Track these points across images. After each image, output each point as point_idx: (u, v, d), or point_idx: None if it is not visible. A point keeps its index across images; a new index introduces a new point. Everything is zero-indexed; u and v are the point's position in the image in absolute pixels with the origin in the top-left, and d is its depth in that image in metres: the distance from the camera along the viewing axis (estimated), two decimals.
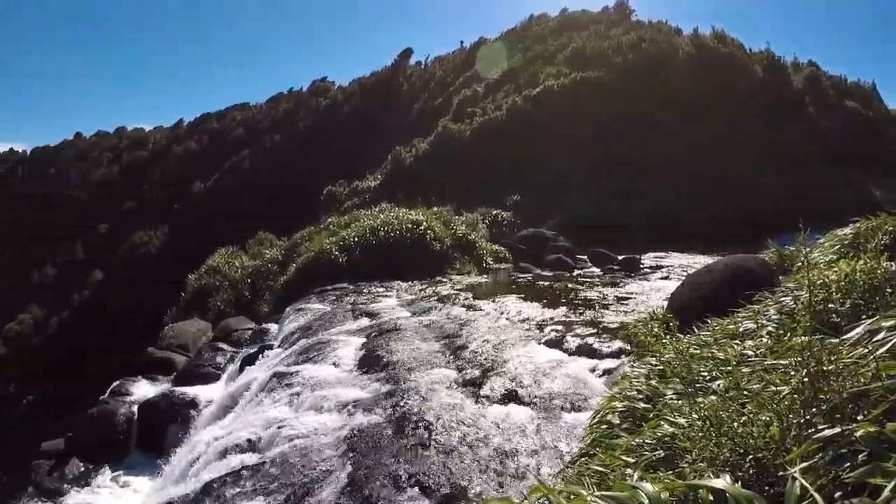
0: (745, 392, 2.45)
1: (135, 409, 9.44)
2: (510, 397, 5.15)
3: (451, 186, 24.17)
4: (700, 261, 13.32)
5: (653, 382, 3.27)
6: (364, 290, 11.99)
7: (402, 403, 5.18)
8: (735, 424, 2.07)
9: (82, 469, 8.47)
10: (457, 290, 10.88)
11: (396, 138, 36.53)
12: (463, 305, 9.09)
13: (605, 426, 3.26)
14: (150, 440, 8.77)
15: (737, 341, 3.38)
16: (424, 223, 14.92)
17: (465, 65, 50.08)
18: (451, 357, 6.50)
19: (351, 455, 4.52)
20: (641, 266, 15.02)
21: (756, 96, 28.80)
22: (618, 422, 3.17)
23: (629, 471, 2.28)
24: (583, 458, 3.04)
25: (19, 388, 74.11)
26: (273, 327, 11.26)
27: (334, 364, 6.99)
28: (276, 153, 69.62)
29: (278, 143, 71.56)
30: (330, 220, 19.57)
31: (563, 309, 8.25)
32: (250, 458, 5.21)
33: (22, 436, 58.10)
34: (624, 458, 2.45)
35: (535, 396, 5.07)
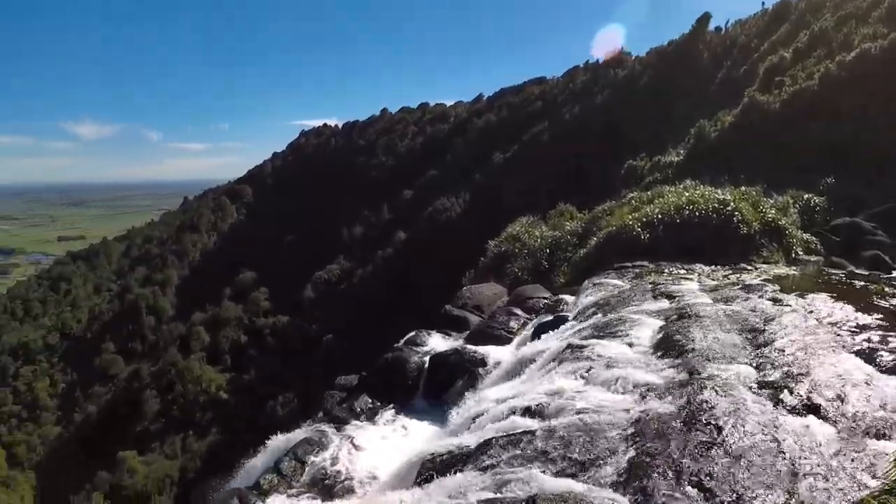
0: None
1: (426, 359, 10.09)
2: (810, 409, 4.77)
3: (758, 164, 22.30)
4: None
5: None
6: (664, 271, 11.67)
7: (695, 395, 5.02)
8: None
9: (370, 405, 9.34)
10: (762, 279, 10.05)
11: (699, 110, 34.69)
12: (768, 298, 8.41)
13: None
14: (436, 390, 9.32)
15: None
16: (732, 204, 13.94)
17: (769, 28, 46.19)
18: (752, 353, 6.14)
19: (636, 439, 4.52)
20: None
21: None
22: None
23: None
24: (884, 496, 2.87)
25: (321, 326, 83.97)
26: (568, 299, 11.29)
27: (629, 344, 6.93)
28: (573, 125, 69.74)
29: (576, 116, 71.61)
30: (631, 195, 19.09)
31: (879, 316, 7.18)
32: (534, 424, 5.35)
33: (319, 369, 65.69)
34: None
35: (839, 413, 4.64)
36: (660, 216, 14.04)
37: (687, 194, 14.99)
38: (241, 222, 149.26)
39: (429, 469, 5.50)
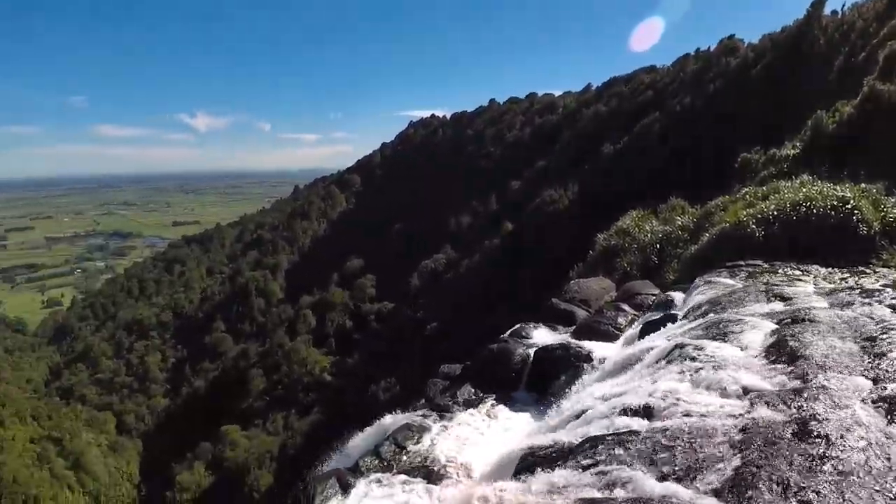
0: None
1: (531, 352, 10.05)
2: None
3: (880, 159, 20.99)
4: None
5: None
6: (779, 271, 11.26)
7: (806, 405, 4.83)
8: None
9: (472, 395, 9.42)
10: (882, 284, 9.53)
11: (815, 99, 32.91)
12: (888, 305, 7.94)
13: None
14: (539, 384, 9.28)
15: None
16: (851, 202, 13.17)
17: (889, 12, 43.10)
18: (869, 364, 5.80)
19: (743, 447, 4.39)
20: None
21: None
22: None
23: None
24: None
25: (426, 314, 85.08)
26: (678, 296, 11.04)
27: (741, 347, 6.75)
28: (685, 116, 67.90)
29: (687, 106, 69.66)
30: (745, 189, 18.43)
31: None
32: (638, 424, 5.32)
33: (422, 356, 66.59)
34: None
35: None
36: (775, 213, 13.50)
37: (804, 190, 14.32)
38: (349, 210, 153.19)
39: (529, 462, 5.53)
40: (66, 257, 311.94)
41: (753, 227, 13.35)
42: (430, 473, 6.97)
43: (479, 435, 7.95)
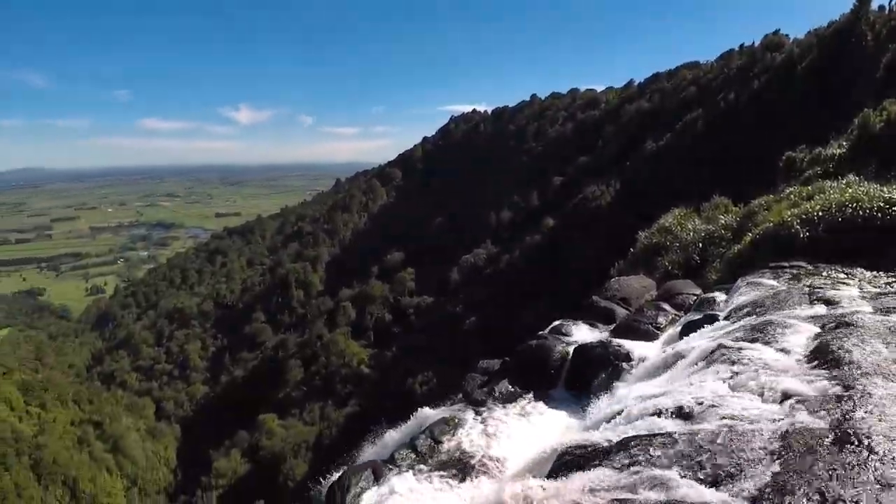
0: None
1: (570, 349, 10.03)
2: None
3: None
4: None
5: None
6: (822, 273, 10.97)
7: (849, 412, 4.73)
8: None
9: (510, 390, 9.42)
10: None
11: (863, 97, 32.18)
12: None
13: None
14: (577, 382, 9.24)
15: None
16: None
17: None
18: None
19: (781, 453, 4.34)
20: None
21: None
22: None
23: None
24: None
25: (465, 309, 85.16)
26: (720, 297, 10.93)
27: (783, 350, 6.66)
28: (728, 113, 66.91)
29: (732, 102, 68.65)
30: (790, 189, 18.09)
31: None
32: (676, 426, 5.28)
33: (460, 351, 66.65)
34: None
35: None
36: (820, 214, 13.12)
37: (850, 191, 13.91)
38: (390, 204, 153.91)
39: (565, 460, 5.52)
40: (109, 247, 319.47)
41: (797, 227, 13.03)
42: (464, 468, 7.01)
43: (516, 431, 7.95)
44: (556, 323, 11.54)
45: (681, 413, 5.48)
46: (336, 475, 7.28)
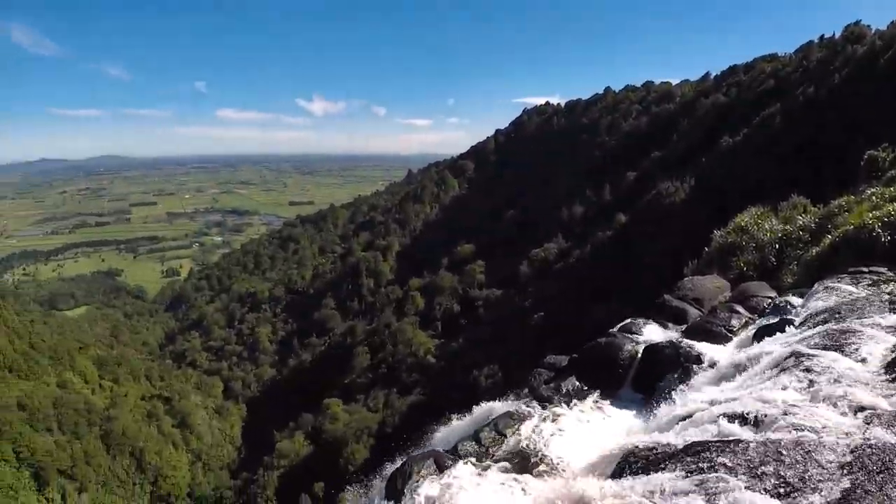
0: None
1: (639, 349, 9.94)
2: None
3: None
4: None
5: None
6: None
7: None
8: None
9: (576, 388, 9.39)
10: None
11: None
12: None
13: None
14: (645, 382, 9.15)
15: None
16: None
17: None
18: None
19: (853, 468, 4.23)
20: None
21: None
22: None
23: None
24: None
25: (534, 303, 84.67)
26: (796, 301, 10.64)
27: (861, 360, 6.48)
28: (808, 107, 64.39)
29: (811, 97, 66.00)
30: (871, 190, 17.36)
31: None
32: (746, 433, 5.23)
33: (527, 346, 66.26)
34: None
35: None
36: None
37: None
38: (462, 196, 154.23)
39: (629, 462, 5.50)
40: (185, 231, 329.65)
41: (879, 231, 12.50)
42: (527, 463, 7.04)
43: (581, 429, 7.92)
44: (627, 321, 11.44)
45: (751, 420, 5.40)
46: (398, 463, 7.36)
